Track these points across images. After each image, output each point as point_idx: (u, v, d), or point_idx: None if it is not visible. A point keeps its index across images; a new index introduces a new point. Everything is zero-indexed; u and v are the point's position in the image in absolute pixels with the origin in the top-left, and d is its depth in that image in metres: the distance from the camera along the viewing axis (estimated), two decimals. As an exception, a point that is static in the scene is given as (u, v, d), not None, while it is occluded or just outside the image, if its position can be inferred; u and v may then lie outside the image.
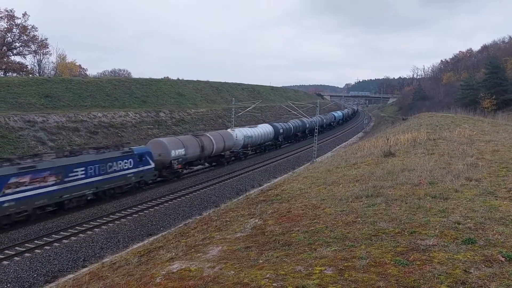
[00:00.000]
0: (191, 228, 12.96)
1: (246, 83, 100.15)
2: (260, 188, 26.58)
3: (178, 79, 79.69)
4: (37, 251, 17.37)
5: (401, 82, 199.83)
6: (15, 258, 16.59)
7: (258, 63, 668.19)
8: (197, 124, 56.22)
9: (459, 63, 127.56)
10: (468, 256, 5.96)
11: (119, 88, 54.21)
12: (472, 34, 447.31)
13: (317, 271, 5.92)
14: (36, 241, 18.26)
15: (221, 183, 31.38)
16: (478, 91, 74.07)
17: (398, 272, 5.61)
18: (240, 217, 11.58)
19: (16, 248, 17.45)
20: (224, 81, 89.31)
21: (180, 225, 19.14)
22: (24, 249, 17.38)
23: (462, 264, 5.69)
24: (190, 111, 59.22)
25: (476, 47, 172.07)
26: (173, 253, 8.91)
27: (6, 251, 17.07)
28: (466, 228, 7.24)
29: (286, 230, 8.57)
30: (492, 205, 8.68)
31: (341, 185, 12.97)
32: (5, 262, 16.12)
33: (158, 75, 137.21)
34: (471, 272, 5.43)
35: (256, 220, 10.34)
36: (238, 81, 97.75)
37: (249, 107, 59.10)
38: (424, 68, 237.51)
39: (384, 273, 5.63)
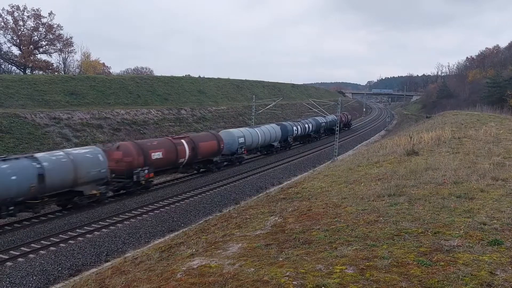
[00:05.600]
0: (211, 225, 13.03)
1: (267, 80, 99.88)
2: (280, 186, 26.54)
3: (199, 76, 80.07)
4: (61, 245, 17.78)
5: (425, 80, 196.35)
6: (41, 251, 17.03)
7: (279, 61, 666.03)
8: (218, 121, 56.46)
9: (485, 60, 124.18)
10: (494, 258, 5.80)
11: (141, 86, 54.93)
12: (499, 31, 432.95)
13: (338, 270, 5.87)
14: (61, 235, 18.68)
15: (241, 180, 31.46)
16: (505, 89, 72.01)
17: (421, 272, 5.51)
18: (260, 215, 11.59)
19: (42, 242, 17.90)
20: (245, 78, 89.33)
21: (201, 222, 19.26)
22: (50, 243, 17.81)
23: (488, 266, 5.55)
24: (211, 108, 59.52)
25: (503, 44, 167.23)
26: (194, 249, 8.97)
27: (33, 245, 17.53)
28: (492, 229, 7.05)
29: (307, 228, 8.52)
30: (519, 205, 8.43)
31: (362, 184, 12.83)
32: (31, 255, 16.56)
33: (180, 73, 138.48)
34: (497, 274, 5.29)
35: (276, 218, 10.32)
36: (259, 79, 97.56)
37: (269, 104, 59.02)
38: (449, 65, 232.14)
39: (406, 273, 5.54)
